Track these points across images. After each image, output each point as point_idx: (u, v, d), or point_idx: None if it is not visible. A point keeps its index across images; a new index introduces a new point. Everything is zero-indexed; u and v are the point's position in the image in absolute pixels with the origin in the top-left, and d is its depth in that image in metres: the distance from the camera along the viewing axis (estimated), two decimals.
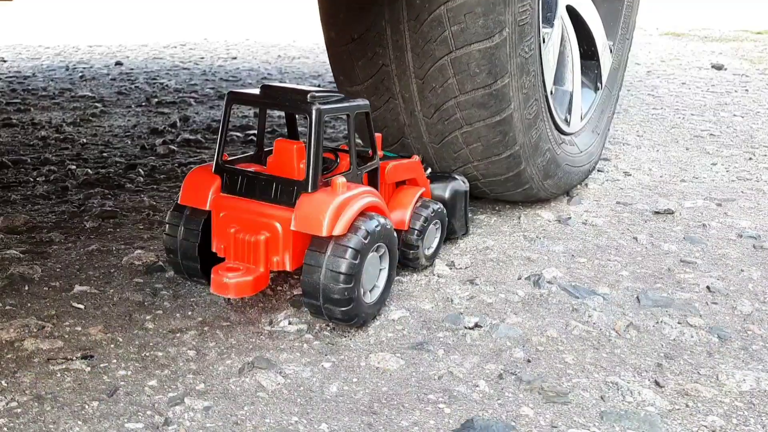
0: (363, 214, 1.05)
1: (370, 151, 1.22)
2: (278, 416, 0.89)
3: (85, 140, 2.40)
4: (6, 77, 3.64)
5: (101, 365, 1.00)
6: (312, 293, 1.03)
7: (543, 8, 1.56)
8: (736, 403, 0.94)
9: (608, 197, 1.86)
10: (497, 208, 1.74)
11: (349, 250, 1.01)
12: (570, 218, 1.68)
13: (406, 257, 1.29)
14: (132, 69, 4.00)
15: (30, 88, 3.38)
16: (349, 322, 1.06)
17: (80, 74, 3.78)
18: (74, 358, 1.01)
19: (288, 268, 1.06)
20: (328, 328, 1.12)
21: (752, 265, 1.43)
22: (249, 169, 1.10)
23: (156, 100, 3.16)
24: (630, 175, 2.08)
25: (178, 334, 1.09)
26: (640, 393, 0.96)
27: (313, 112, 1.03)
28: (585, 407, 0.93)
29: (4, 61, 4.15)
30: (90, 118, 2.75)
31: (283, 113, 2.31)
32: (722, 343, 1.11)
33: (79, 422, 0.86)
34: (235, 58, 4.57)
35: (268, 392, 0.94)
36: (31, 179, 1.89)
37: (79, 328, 1.10)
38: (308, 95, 1.04)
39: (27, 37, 5.35)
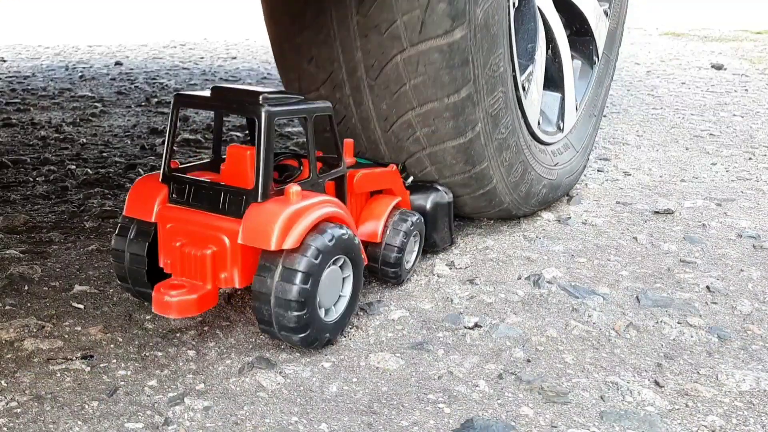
0: (317, 227, 0.95)
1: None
2: (278, 416, 0.89)
3: (84, 140, 2.40)
4: (6, 77, 3.64)
5: (101, 365, 1.00)
6: (265, 320, 0.95)
7: (523, 48, 1.47)
8: (735, 403, 0.95)
9: (608, 197, 1.86)
10: None
11: (299, 274, 0.92)
12: (570, 218, 1.68)
13: (386, 275, 1.23)
14: (132, 69, 4.00)
15: (30, 88, 3.38)
16: (311, 346, 0.99)
17: (80, 74, 3.78)
18: (74, 358, 1.01)
19: (237, 286, 0.97)
20: None
21: (752, 265, 1.43)
22: (196, 178, 1.02)
23: (156, 100, 3.16)
24: (630, 175, 2.08)
25: (178, 334, 1.09)
26: (640, 393, 0.96)
27: (263, 114, 0.94)
28: (585, 407, 0.93)
29: (4, 61, 4.15)
30: (90, 118, 2.75)
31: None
32: (722, 343, 1.11)
33: (79, 422, 0.86)
34: (234, 58, 4.57)
35: (268, 392, 0.94)
36: (31, 179, 1.89)
37: (79, 328, 1.10)
38: (260, 96, 0.96)
39: (27, 37, 5.34)
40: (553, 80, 1.67)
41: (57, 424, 0.86)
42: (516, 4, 1.36)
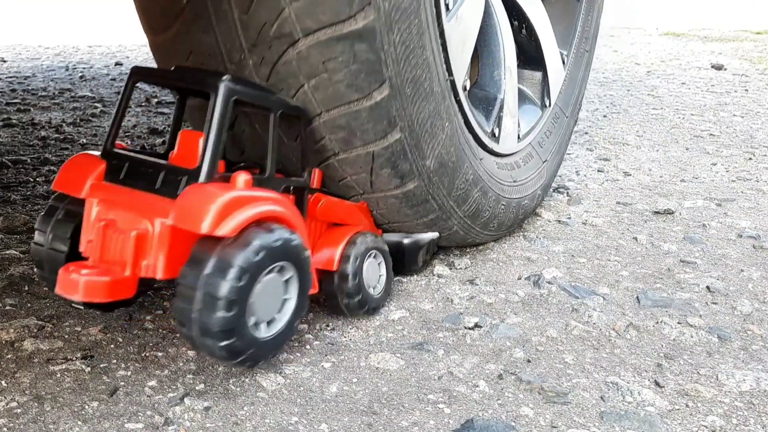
0: (263, 224, 0.84)
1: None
2: (278, 416, 0.89)
3: (85, 140, 2.40)
4: (6, 77, 3.64)
5: (101, 365, 1.00)
6: (184, 321, 0.81)
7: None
8: (735, 403, 0.95)
9: (608, 197, 1.86)
10: None
11: (233, 269, 0.79)
12: (570, 218, 1.68)
13: (352, 308, 1.11)
14: None
15: (30, 88, 3.38)
16: (234, 360, 0.85)
17: (80, 74, 3.78)
18: (74, 358, 1.01)
19: (158, 276, 0.84)
20: (329, 328, 1.12)
21: (752, 265, 1.43)
22: (135, 155, 0.92)
23: (156, 100, 3.16)
24: (630, 175, 2.08)
25: (178, 334, 1.09)
26: (640, 393, 0.96)
27: (221, 88, 0.85)
28: (585, 407, 0.93)
29: (4, 61, 4.15)
30: (90, 118, 2.75)
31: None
32: (722, 343, 1.11)
33: (79, 422, 0.86)
34: None
35: (268, 392, 0.94)
36: (31, 179, 1.89)
37: (79, 328, 1.10)
38: (224, 75, 0.87)
39: (27, 37, 5.35)
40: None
41: (57, 425, 0.86)
42: None
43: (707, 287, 1.31)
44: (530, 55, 1.56)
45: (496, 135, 1.36)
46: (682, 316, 1.20)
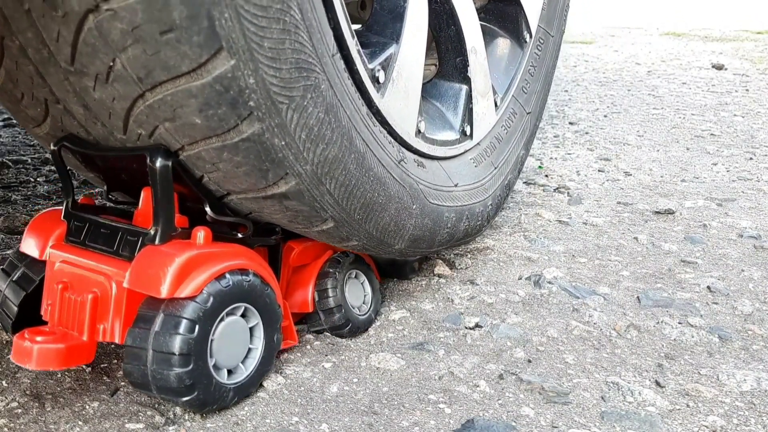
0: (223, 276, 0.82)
1: None
2: (279, 416, 0.89)
3: None
4: None
5: (102, 365, 1.00)
6: (139, 382, 0.80)
7: None
8: (736, 403, 0.95)
9: (609, 197, 1.86)
10: None
11: (183, 322, 0.77)
12: (570, 218, 1.68)
13: (339, 331, 1.07)
14: None
15: None
16: (201, 410, 0.84)
17: None
18: None
19: (117, 341, 0.82)
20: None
21: (753, 265, 1.43)
22: (95, 215, 0.89)
23: None
24: (630, 175, 2.08)
25: None
26: (641, 393, 0.96)
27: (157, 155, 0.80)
28: (585, 407, 0.93)
29: None
30: None
31: None
32: (723, 344, 1.11)
33: (80, 422, 0.86)
34: None
35: (268, 392, 0.94)
36: (32, 179, 1.89)
37: None
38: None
39: None
40: (454, 66, 1.25)
41: (58, 425, 0.86)
42: None
43: (708, 287, 1.31)
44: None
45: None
46: (683, 316, 1.20)
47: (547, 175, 2.06)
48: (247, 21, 0.67)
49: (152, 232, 0.82)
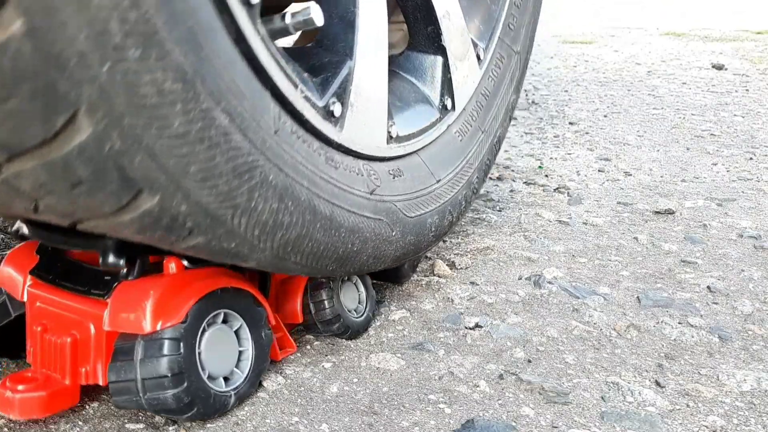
0: None
1: None
2: (279, 416, 0.89)
3: None
4: None
5: None
6: (149, 405, 0.79)
7: None
8: (736, 403, 0.94)
9: (609, 197, 1.86)
10: (497, 207, 1.74)
11: (166, 342, 0.76)
12: (570, 218, 1.68)
13: (334, 333, 1.06)
14: None
15: None
16: (206, 420, 0.85)
17: None
18: None
19: (101, 383, 0.81)
20: None
21: (753, 265, 1.43)
22: (64, 253, 0.88)
23: None
24: (630, 175, 2.08)
25: None
26: (641, 393, 0.96)
27: None
28: (585, 407, 0.93)
29: None
30: None
31: None
32: (723, 344, 1.11)
33: (80, 422, 0.86)
34: None
35: (268, 392, 0.94)
36: None
37: None
38: None
39: None
40: (426, 36, 1.12)
41: (58, 425, 0.86)
42: None
43: (708, 287, 1.31)
44: None
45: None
46: (683, 316, 1.20)
47: (547, 175, 2.06)
48: (164, 156, 0.59)
49: (125, 269, 0.81)
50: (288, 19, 0.73)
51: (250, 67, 0.66)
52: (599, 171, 2.11)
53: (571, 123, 2.81)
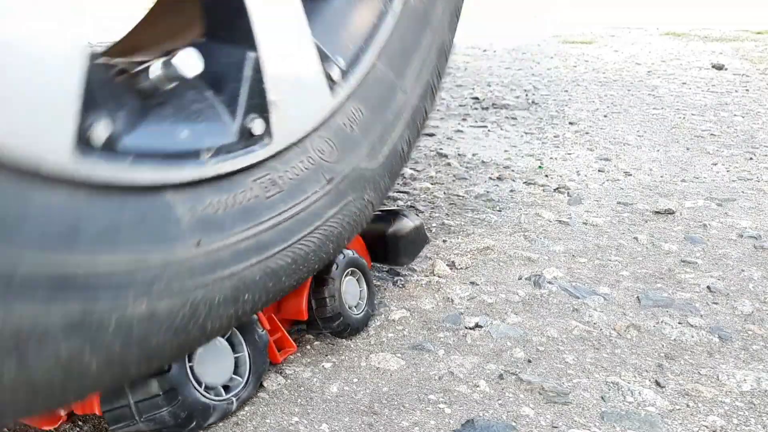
0: None
1: None
2: (279, 416, 0.89)
3: None
4: None
5: None
6: (149, 424, 0.80)
7: None
8: (736, 403, 0.94)
9: (609, 197, 1.86)
10: (497, 208, 1.74)
11: None
12: (570, 218, 1.68)
13: (334, 331, 1.06)
14: None
15: None
16: (208, 429, 0.84)
17: None
18: None
19: (97, 412, 0.82)
20: None
21: (753, 265, 1.43)
22: None
23: None
24: (630, 175, 2.08)
25: None
26: (641, 393, 0.96)
27: None
28: (585, 407, 0.93)
29: None
30: None
31: None
32: (723, 344, 1.11)
33: (80, 422, 0.86)
34: None
35: (268, 392, 0.94)
36: None
37: None
38: None
39: None
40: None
41: (57, 425, 0.85)
42: None
43: (708, 287, 1.31)
44: None
45: None
46: (683, 316, 1.20)
47: (547, 175, 2.06)
48: None
49: None
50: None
51: None
52: (599, 171, 2.11)
53: (571, 123, 2.81)
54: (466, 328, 1.14)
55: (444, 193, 1.86)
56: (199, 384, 0.82)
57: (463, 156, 2.29)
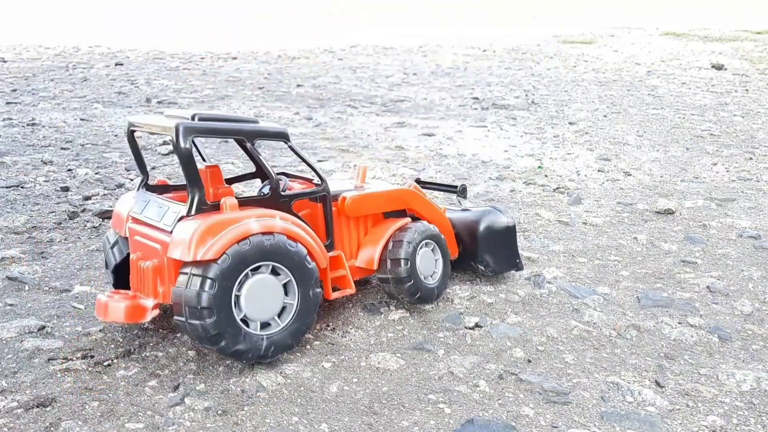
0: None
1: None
2: (278, 416, 0.89)
3: (85, 140, 2.40)
4: (6, 77, 3.64)
5: (102, 366, 1.00)
6: (187, 331, 0.95)
7: None
8: (736, 402, 0.95)
9: (608, 197, 1.86)
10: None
11: (207, 281, 0.90)
12: (570, 218, 1.68)
13: (405, 293, 1.14)
14: (132, 69, 4.00)
15: (30, 88, 3.38)
16: (238, 358, 0.96)
17: (81, 74, 3.78)
18: (74, 358, 1.01)
19: (170, 301, 0.97)
20: (329, 328, 1.12)
21: (752, 265, 1.43)
22: (154, 193, 1.06)
23: (156, 100, 3.16)
24: (630, 175, 2.08)
25: (178, 335, 1.09)
26: (641, 393, 0.96)
27: (175, 129, 0.94)
28: (585, 407, 0.93)
29: (5, 61, 4.15)
30: (90, 118, 2.75)
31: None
32: (722, 343, 1.11)
33: (80, 422, 0.86)
34: (235, 58, 4.57)
35: (268, 392, 0.94)
36: (32, 179, 1.89)
37: (80, 328, 1.10)
38: (190, 114, 0.97)
39: (27, 37, 5.34)
40: None
41: (57, 425, 0.86)
42: None
43: (708, 287, 1.31)
44: None
45: None
46: (683, 316, 1.20)
47: (547, 175, 2.06)
48: None
49: (186, 207, 0.98)
50: None
51: None
52: (599, 171, 2.11)
53: (571, 123, 2.81)
54: (466, 328, 1.14)
55: (444, 193, 1.85)
56: (239, 311, 0.94)
57: (463, 156, 2.29)
